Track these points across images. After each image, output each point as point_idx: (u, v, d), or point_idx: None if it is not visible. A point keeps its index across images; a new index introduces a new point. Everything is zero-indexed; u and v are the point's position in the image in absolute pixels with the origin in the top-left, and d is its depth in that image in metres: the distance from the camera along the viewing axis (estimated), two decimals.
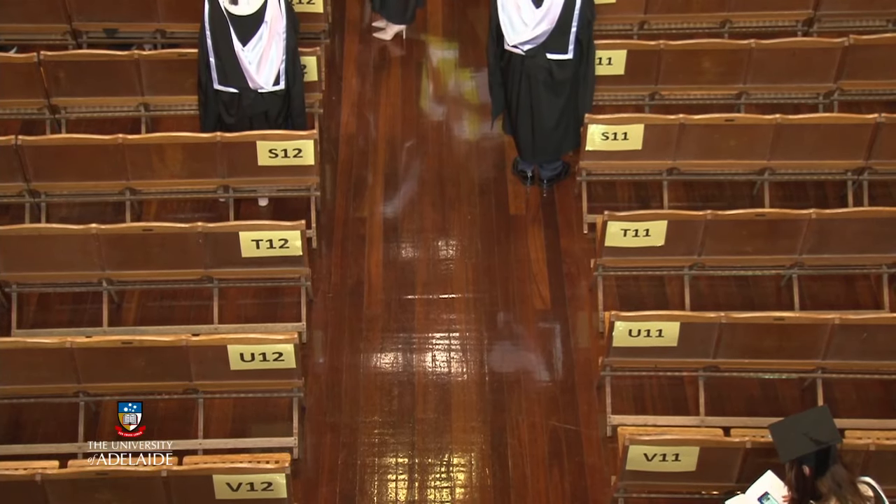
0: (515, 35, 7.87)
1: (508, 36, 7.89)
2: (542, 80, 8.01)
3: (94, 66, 8.14)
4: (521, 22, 7.82)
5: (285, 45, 7.79)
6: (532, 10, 7.77)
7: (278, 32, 7.75)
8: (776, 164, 7.97)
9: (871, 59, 8.20)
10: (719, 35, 8.83)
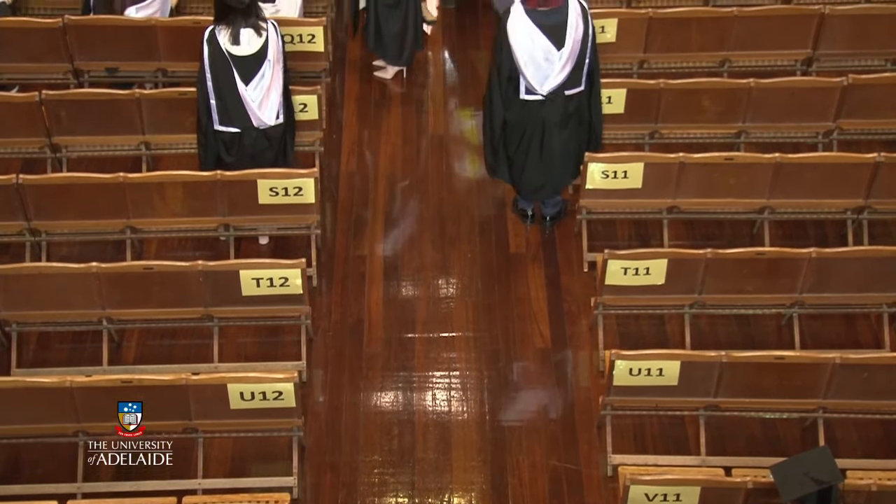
0: (546, 83, 7.78)
1: (538, 86, 7.76)
2: (557, 120, 7.98)
3: (95, 105, 8.19)
4: (551, 68, 7.74)
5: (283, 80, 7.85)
6: (557, 53, 7.71)
7: (279, 69, 7.80)
8: (776, 203, 7.98)
9: (870, 99, 8.24)
10: (719, 74, 8.88)
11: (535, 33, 7.59)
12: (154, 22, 8.47)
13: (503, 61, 7.76)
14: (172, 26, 8.45)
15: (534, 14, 7.57)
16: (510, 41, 7.63)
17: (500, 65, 7.79)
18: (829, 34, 8.72)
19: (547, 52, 7.66)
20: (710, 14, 8.83)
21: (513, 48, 7.63)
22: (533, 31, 7.59)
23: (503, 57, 7.75)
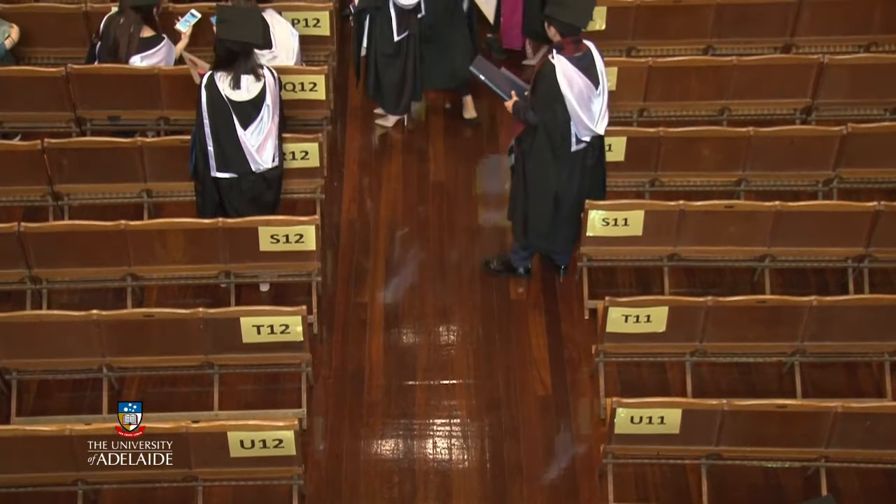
0: (599, 125, 7.83)
1: (593, 126, 7.78)
2: (592, 164, 8.03)
3: (97, 153, 8.22)
4: (597, 108, 7.78)
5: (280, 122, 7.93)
6: (596, 92, 7.76)
7: (276, 113, 7.87)
8: (776, 251, 8.00)
9: (870, 148, 8.28)
10: (718, 122, 8.92)
11: (580, 76, 7.68)
12: (157, 70, 8.51)
13: (557, 116, 7.73)
14: (175, 74, 8.49)
15: (573, 60, 7.66)
16: (562, 90, 7.65)
17: (551, 122, 7.76)
18: (828, 83, 8.78)
19: (590, 92, 7.75)
20: (709, 63, 8.88)
21: (566, 97, 7.67)
22: (577, 75, 7.67)
23: (557, 112, 7.72)
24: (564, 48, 7.67)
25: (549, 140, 7.81)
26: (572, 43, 7.66)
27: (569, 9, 7.64)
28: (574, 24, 7.64)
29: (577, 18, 7.67)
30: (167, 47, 8.59)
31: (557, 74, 7.62)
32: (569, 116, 7.71)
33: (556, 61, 7.64)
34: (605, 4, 9.15)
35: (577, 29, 7.67)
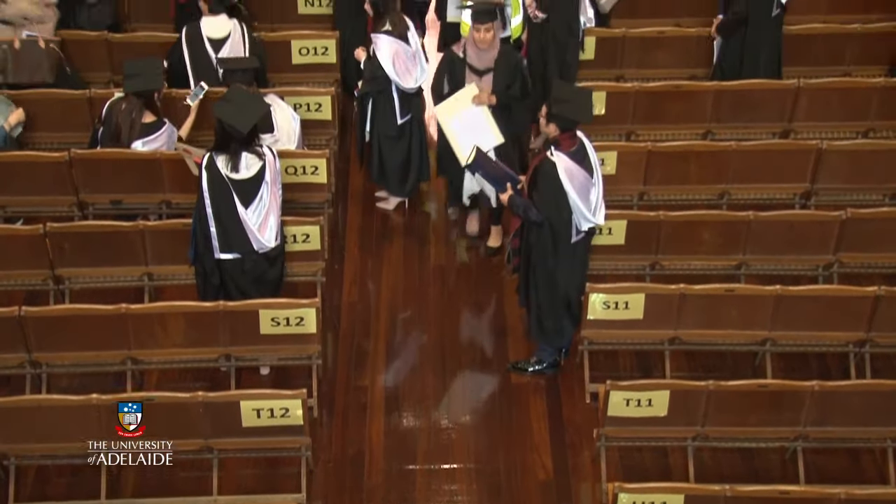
0: (598, 214, 7.89)
1: (591, 219, 7.83)
2: (585, 249, 8.09)
3: (99, 237, 8.27)
4: (594, 198, 7.83)
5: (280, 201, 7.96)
6: (592, 181, 7.81)
7: (276, 190, 7.90)
8: (777, 336, 8.00)
9: (869, 233, 8.33)
10: (718, 206, 8.96)
11: (578, 169, 7.73)
12: (159, 155, 8.57)
13: (562, 214, 7.78)
14: (178, 159, 8.54)
15: (570, 155, 7.72)
16: (565, 185, 7.70)
17: (556, 220, 7.81)
18: (827, 169, 8.84)
19: (588, 183, 7.80)
20: (708, 148, 8.97)
21: (567, 191, 7.71)
22: (576, 169, 7.73)
23: (562, 209, 7.77)
24: (562, 144, 7.72)
25: (553, 237, 7.85)
26: (569, 138, 7.74)
27: (573, 106, 7.74)
28: (579, 121, 7.75)
29: (582, 115, 7.79)
30: (168, 132, 8.66)
31: (560, 172, 7.67)
32: (571, 211, 7.75)
33: (556, 159, 7.68)
34: (605, 90, 9.25)
35: (576, 124, 7.75)
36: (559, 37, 9.37)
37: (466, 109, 8.62)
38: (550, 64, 9.43)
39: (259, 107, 7.96)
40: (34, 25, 9.33)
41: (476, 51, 8.68)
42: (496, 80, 8.68)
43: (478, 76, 8.71)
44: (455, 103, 8.64)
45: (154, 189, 8.75)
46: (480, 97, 8.61)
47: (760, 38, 9.49)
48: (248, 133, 7.73)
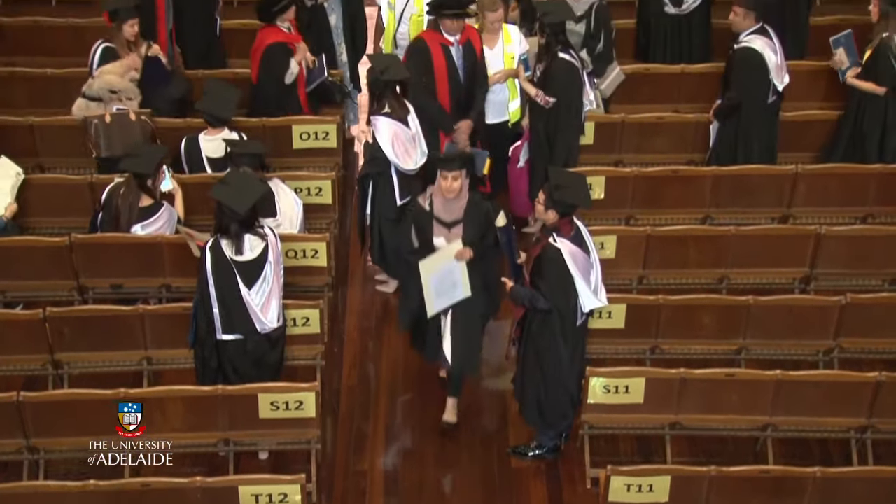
0: (601, 295, 7.89)
1: (595, 299, 7.82)
2: (585, 330, 8.08)
3: (98, 321, 8.29)
4: (594, 281, 7.83)
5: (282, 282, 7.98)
6: (590, 262, 7.83)
7: (279, 274, 7.93)
8: (779, 421, 7.98)
9: (869, 318, 8.35)
10: (717, 291, 8.99)
11: (580, 253, 7.77)
12: (160, 238, 8.62)
13: (570, 300, 7.76)
14: (178, 242, 8.58)
15: (571, 240, 7.76)
16: (571, 270, 7.70)
17: (565, 307, 7.78)
18: (826, 254, 8.89)
19: (588, 265, 7.82)
20: (707, 232, 9.03)
21: (574, 276, 7.71)
22: (579, 252, 7.76)
23: (570, 295, 7.75)
24: (562, 229, 7.75)
25: (561, 324, 7.83)
26: (568, 223, 7.77)
27: (573, 191, 7.77)
28: (580, 206, 7.79)
29: (582, 200, 7.82)
30: (167, 213, 8.70)
31: (565, 257, 7.69)
32: (577, 296, 7.76)
33: (560, 245, 7.71)
34: (604, 174, 9.32)
35: (575, 209, 7.78)
36: (568, 120, 9.44)
37: (447, 263, 8.11)
38: (558, 147, 9.48)
39: (257, 188, 8.00)
40: (123, 100, 9.41)
41: (443, 201, 8.16)
42: (467, 231, 8.13)
43: (447, 228, 8.17)
44: (438, 259, 8.10)
45: (154, 273, 8.78)
46: (462, 253, 8.03)
47: (756, 124, 9.58)
48: (249, 214, 7.77)
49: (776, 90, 9.51)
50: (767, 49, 9.40)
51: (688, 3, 10.50)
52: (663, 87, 10.35)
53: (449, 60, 9.54)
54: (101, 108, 9.32)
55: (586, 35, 9.88)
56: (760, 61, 9.39)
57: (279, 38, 9.86)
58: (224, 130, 9.18)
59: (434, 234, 8.18)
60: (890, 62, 9.43)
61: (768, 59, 9.39)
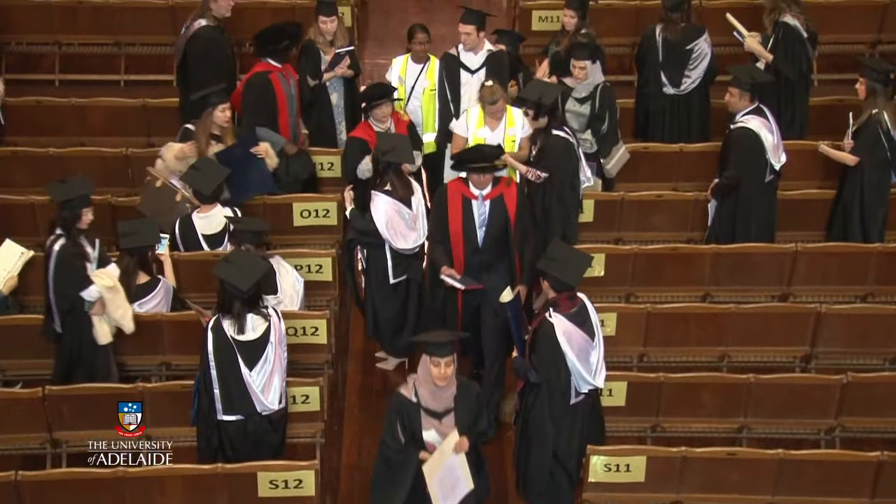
0: (598, 377, 7.80)
1: (591, 381, 7.76)
2: (589, 412, 7.99)
3: (98, 399, 8.25)
4: (594, 361, 7.78)
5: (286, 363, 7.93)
6: (593, 344, 7.77)
7: (281, 355, 7.90)
8: (780, 500, 7.95)
9: (871, 398, 8.36)
10: (718, 369, 8.99)
11: (578, 332, 7.70)
12: (160, 316, 8.64)
13: (560, 375, 7.70)
14: (178, 320, 8.61)
15: (569, 317, 7.69)
16: (563, 348, 7.66)
17: (554, 382, 7.72)
18: (826, 332, 8.91)
19: (588, 346, 7.75)
20: (708, 310, 9.07)
21: (566, 353, 7.66)
22: (576, 331, 7.69)
23: (560, 371, 7.69)
24: (560, 305, 7.70)
25: (550, 398, 7.79)
26: (567, 299, 7.71)
27: (561, 266, 7.72)
28: (566, 282, 7.68)
29: (568, 276, 7.71)
30: (164, 289, 8.73)
31: (557, 334, 7.65)
32: (570, 373, 7.73)
33: (554, 320, 7.66)
34: (604, 251, 9.35)
35: (568, 287, 7.71)
36: (563, 196, 9.46)
37: (448, 459, 7.41)
38: (554, 224, 9.49)
39: (259, 267, 8.01)
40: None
41: (431, 390, 7.37)
42: (459, 420, 7.37)
43: (437, 419, 7.41)
44: (440, 457, 7.39)
45: (154, 351, 8.78)
46: (461, 444, 7.34)
47: (753, 202, 9.64)
48: (252, 293, 7.78)
49: (773, 169, 9.58)
50: (764, 129, 9.49)
51: (686, 84, 10.61)
52: (663, 166, 10.42)
53: (467, 215, 8.68)
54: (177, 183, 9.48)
55: (591, 116, 9.97)
56: (757, 141, 9.47)
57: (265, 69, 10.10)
58: (216, 206, 9.20)
59: (423, 428, 7.41)
60: (877, 136, 9.53)
61: (765, 138, 9.47)
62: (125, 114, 11.06)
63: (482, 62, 10.25)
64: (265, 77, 10.09)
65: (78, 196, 8.48)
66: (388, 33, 11.16)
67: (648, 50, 10.70)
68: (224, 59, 10.71)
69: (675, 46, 10.53)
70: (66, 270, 8.42)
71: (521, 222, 8.73)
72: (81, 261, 8.47)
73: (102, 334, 8.48)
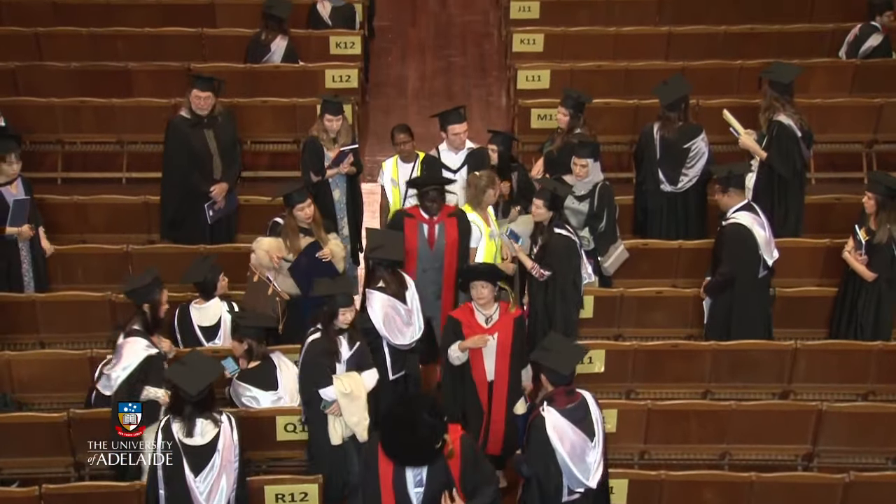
0: (593, 478, 7.59)
1: (584, 482, 7.56)
2: None
3: (95, 497, 8.17)
4: (591, 461, 7.60)
5: (237, 475, 7.75)
6: (591, 444, 7.60)
7: (230, 461, 7.72)
8: None
9: (873, 496, 8.28)
10: (719, 467, 8.93)
11: (573, 430, 7.53)
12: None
13: (549, 470, 7.53)
14: None
15: (565, 413, 7.56)
16: (553, 445, 7.49)
17: (544, 477, 7.55)
18: (828, 430, 8.86)
19: (585, 445, 7.55)
20: (709, 407, 9.02)
21: (557, 451, 7.50)
22: (570, 428, 7.53)
23: (549, 466, 7.52)
24: (556, 399, 7.55)
25: (542, 494, 7.62)
26: (564, 394, 7.55)
27: (555, 357, 7.60)
28: (557, 371, 7.55)
29: (560, 365, 7.56)
30: None
31: (548, 429, 7.48)
32: (560, 470, 7.55)
33: (546, 414, 7.51)
34: (604, 348, 9.34)
35: (563, 379, 7.56)
36: (566, 293, 9.47)
37: None
38: (556, 321, 9.46)
39: (213, 371, 7.88)
40: (279, 275, 9.51)
41: None
42: None
43: None
44: None
45: None
46: None
47: (748, 298, 9.62)
48: (202, 398, 7.65)
49: (766, 264, 9.61)
50: (755, 224, 9.52)
51: (683, 182, 10.68)
52: (662, 262, 10.44)
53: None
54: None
55: (589, 214, 10.03)
56: (749, 236, 9.50)
57: None
58: (215, 300, 9.23)
59: None
60: (891, 251, 9.52)
61: (757, 233, 9.50)
62: (126, 211, 11.11)
63: (462, 161, 10.34)
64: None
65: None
66: (387, 131, 11.26)
67: (646, 148, 10.78)
68: (196, 152, 10.67)
69: (673, 145, 10.62)
70: (310, 364, 8.42)
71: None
72: (330, 358, 8.46)
73: (334, 434, 8.47)
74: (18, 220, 9.93)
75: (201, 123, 10.62)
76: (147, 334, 8.51)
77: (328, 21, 13.33)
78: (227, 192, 10.71)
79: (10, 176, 9.98)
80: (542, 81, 12.65)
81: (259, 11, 12.73)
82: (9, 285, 10.02)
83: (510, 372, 8.57)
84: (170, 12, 13.58)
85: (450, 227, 9.57)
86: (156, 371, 8.38)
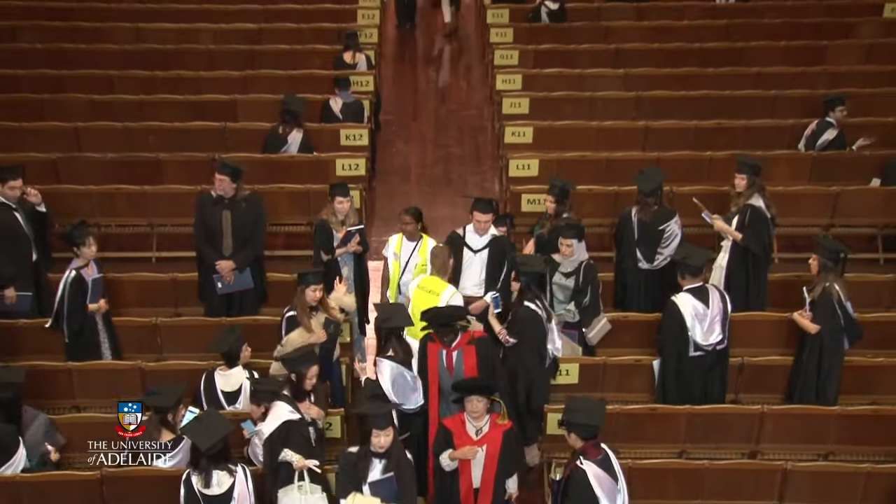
0: None
1: None
2: None
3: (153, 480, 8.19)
4: (623, 500, 7.73)
5: None
6: (618, 487, 7.71)
7: None
8: None
9: None
10: None
11: (606, 477, 7.71)
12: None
13: None
14: None
15: (598, 462, 7.72)
16: (596, 492, 7.63)
17: None
18: (793, 488, 8.80)
19: (613, 489, 7.74)
20: (684, 466, 8.98)
21: (599, 498, 7.64)
22: (605, 476, 7.70)
23: None
24: (588, 452, 7.72)
25: None
26: (593, 446, 7.74)
27: (585, 414, 7.79)
28: (591, 424, 7.72)
29: (590, 419, 7.76)
30: (188, 446, 8.59)
31: (590, 479, 7.64)
32: None
33: (585, 467, 7.67)
34: None
35: (594, 430, 7.73)
36: (527, 362, 9.44)
37: None
38: (519, 386, 9.44)
39: (224, 427, 7.97)
40: None
41: None
42: None
43: None
44: None
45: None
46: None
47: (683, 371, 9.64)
48: (216, 451, 7.77)
49: (697, 345, 9.59)
50: (691, 306, 9.51)
51: (659, 260, 10.73)
52: (640, 333, 10.41)
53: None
54: None
55: (574, 289, 10.05)
56: (678, 316, 9.53)
57: None
58: (238, 367, 9.24)
59: None
60: (832, 307, 9.56)
61: (688, 315, 9.49)
62: (155, 287, 11.13)
63: (485, 244, 10.38)
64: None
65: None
66: (391, 213, 11.32)
67: (625, 230, 10.84)
68: (211, 227, 10.67)
69: (649, 227, 10.68)
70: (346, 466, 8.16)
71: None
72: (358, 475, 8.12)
73: None
74: (96, 297, 10.05)
75: (222, 203, 10.69)
76: (293, 400, 8.53)
77: (339, 115, 13.51)
78: (235, 270, 10.68)
79: (88, 258, 10.06)
80: (532, 170, 12.80)
81: (277, 107, 12.92)
82: (87, 354, 10.03)
83: (495, 481, 8.34)
84: (196, 108, 13.80)
85: (467, 354, 9.01)
86: (295, 436, 8.37)
